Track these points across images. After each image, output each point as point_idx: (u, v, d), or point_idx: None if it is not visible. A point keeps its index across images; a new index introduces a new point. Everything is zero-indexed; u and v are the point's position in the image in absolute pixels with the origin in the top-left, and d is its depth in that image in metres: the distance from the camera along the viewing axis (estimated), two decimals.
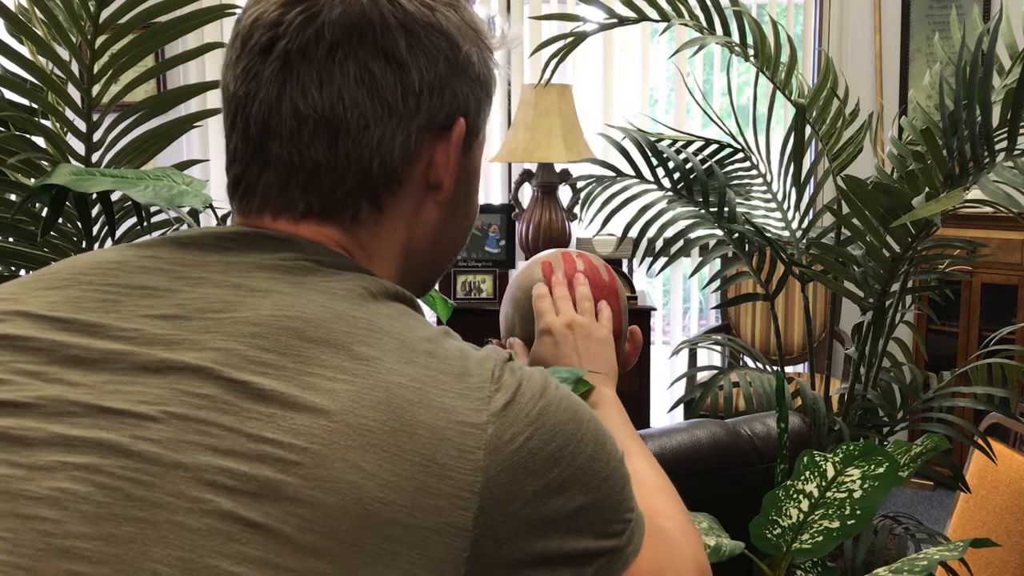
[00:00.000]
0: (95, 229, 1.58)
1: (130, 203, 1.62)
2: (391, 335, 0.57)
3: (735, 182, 2.18)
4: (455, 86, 0.67)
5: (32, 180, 1.56)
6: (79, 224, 1.54)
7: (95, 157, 1.59)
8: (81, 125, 1.55)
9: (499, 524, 0.54)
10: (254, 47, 0.65)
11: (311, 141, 0.63)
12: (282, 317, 0.56)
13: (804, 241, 2.06)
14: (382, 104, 0.64)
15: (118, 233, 1.55)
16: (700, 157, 2.15)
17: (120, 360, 0.55)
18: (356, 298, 0.60)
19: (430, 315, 3.45)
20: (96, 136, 1.57)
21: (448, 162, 0.68)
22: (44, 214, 1.57)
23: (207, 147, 3.96)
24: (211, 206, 1.37)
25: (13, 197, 1.55)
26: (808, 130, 2.02)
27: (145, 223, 1.66)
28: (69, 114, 1.56)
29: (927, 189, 1.63)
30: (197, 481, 0.49)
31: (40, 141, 1.54)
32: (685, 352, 3.69)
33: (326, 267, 0.62)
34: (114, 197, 1.59)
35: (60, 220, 1.55)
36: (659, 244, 2.08)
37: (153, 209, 1.64)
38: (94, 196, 1.49)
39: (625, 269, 3.40)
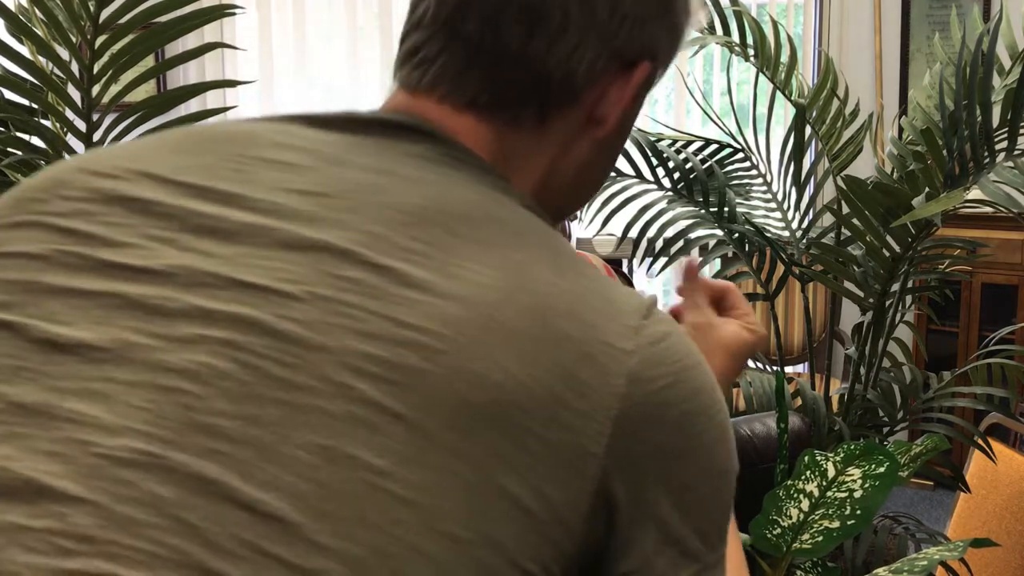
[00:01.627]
0: None
1: None
2: (540, 243, 0.56)
3: (735, 182, 2.18)
4: (656, 26, 0.65)
5: None
6: None
7: None
8: (81, 125, 1.55)
9: (627, 462, 0.51)
10: None
11: (510, 27, 0.61)
12: (431, 207, 0.54)
13: (804, 241, 2.06)
14: (589, 13, 0.62)
15: None
16: (700, 157, 2.15)
17: (258, 233, 0.52)
18: (506, 201, 0.58)
19: None
20: (96, 136, 1.57)
21: (621, 100, 0.66)
22: None
23: None
24: None
25: None
26: (808, 130, 2.02)
27: None
28: (69, 114, 1.56)
29: (927, 189, 1.63)
30: (342, 366, 0.47)
31: (38, 141, 1.54)
32: None
33: (471, 166, 0.60)
34: None
35: None
36: (659, 244, 2.08)
37: None
38: None
39: (625, 269, 3.40)
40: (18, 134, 1.53)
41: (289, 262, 0.51)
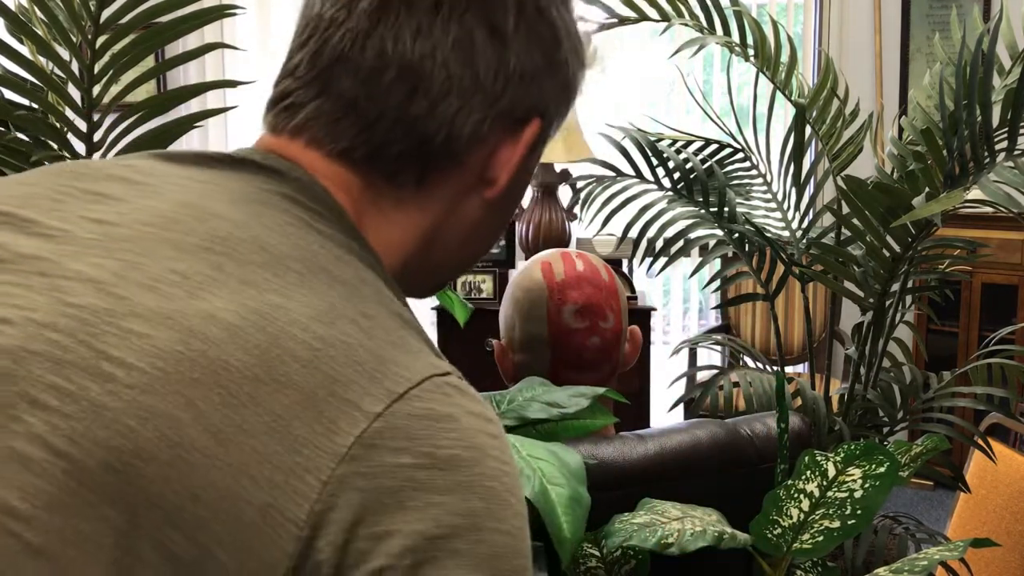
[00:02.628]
0: None
1: None
2: (327, 293, 0.52)
3: (735, 182, 2.18)
4: (544, 83, 0.64)
5: None
6: None
7: (96, 157, 1.59)
8: (82, 125, 1.55)
9: (335, 535, 0.45)
10: None
11: (388, 88, 0.59)
12: (211, 244, 0.52)
13: (804, 241, 2.06)
14: (472, 75, 0.60)
15: None
16: (700, 157, 2.15)
17: (24, 262, 0.51)
18: (324, 247, 0.55)
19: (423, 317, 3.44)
20: (96, 136, 1.57)
21: (511, 159, 0.64)
22: None
23: (207, 147, 3.96)
24: None
25: None
26: (808, 130, 2.02)
27: None
28: (69, 114, 1.56)
29: (927, 189, 1.63)
30: (22, 396, 0.45)
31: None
32: (685, 352, 3.69)
33: (309, 213, 0.57)
34: None
35: None
36: (659, 244, 2.08)
37: None
38: None
39: (625, 269, 3.40)
40: (18, 134, 1.53)
41: (34, 290, 0.49)
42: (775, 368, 2.12)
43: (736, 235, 2.01)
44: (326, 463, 0.45)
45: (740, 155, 2.19)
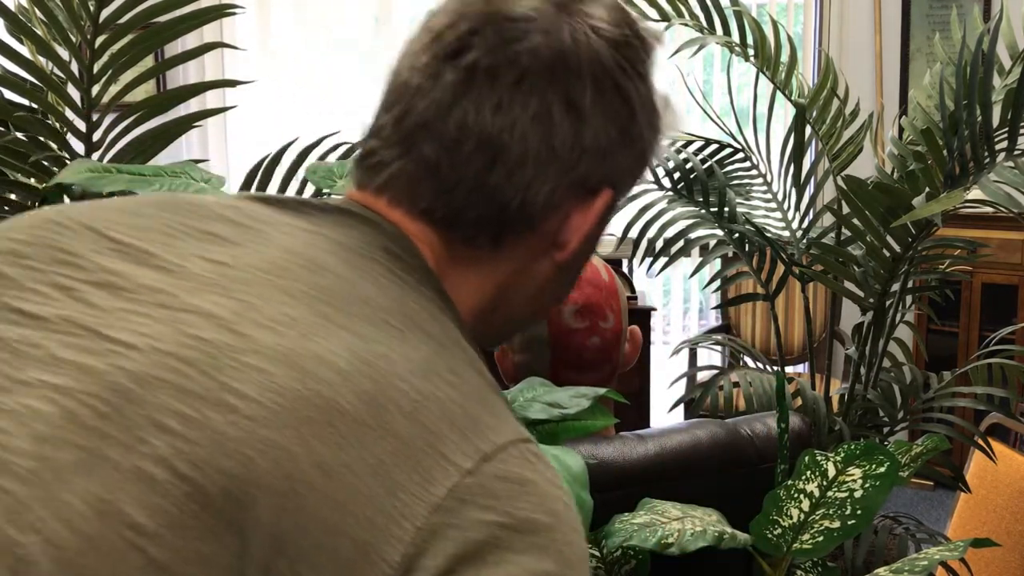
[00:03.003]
0: None
1: None
2: (423, 347, 0.55)
3: (735, 182, 2.18)
4: (618, 156, 0.66)
5: (32, 180, 1.56)
6: None
7: (95, 157, 1.59)
8: (81, 125, 1.55)
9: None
10: (443, 48, 0.64)
11: (468, 157, 0.62)
12: (319, 292, 0.55)
13: (804, 241, 2.06)
14: (548, 148, 0.63)
15: None
16: (700, 157, 2.15)
17: (147, 292, 0.54)
18: (417, 301, 0.58)
19: None
20: (96, 136, 1.57)
21: (582, 226, 0.66)
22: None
23: (207, 147, 3.96)
24: None
25: (13, 196, 1.55)
26: (808, 130, 2.02)
27: None
28: (69, 114, 1.56)
29: (927, 189, 1.63)
30: (149, 420, 0.47)
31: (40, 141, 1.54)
32: (685, 352, 3.69)
33: (402, 267, 0.60)
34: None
35: None
36: (659, 244, 2.08)
37: None
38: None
39: (625, 269, 3.40)
40: (18, 134, 1.53)
41: (155, 320, 0.52)
42: (775, 368, 2.12)
43: (736, 235, 2.01)
44: (421, 511, 0.48)
45: (740, 155, 2.19)
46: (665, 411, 3.55)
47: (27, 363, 0.51)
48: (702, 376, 3.54)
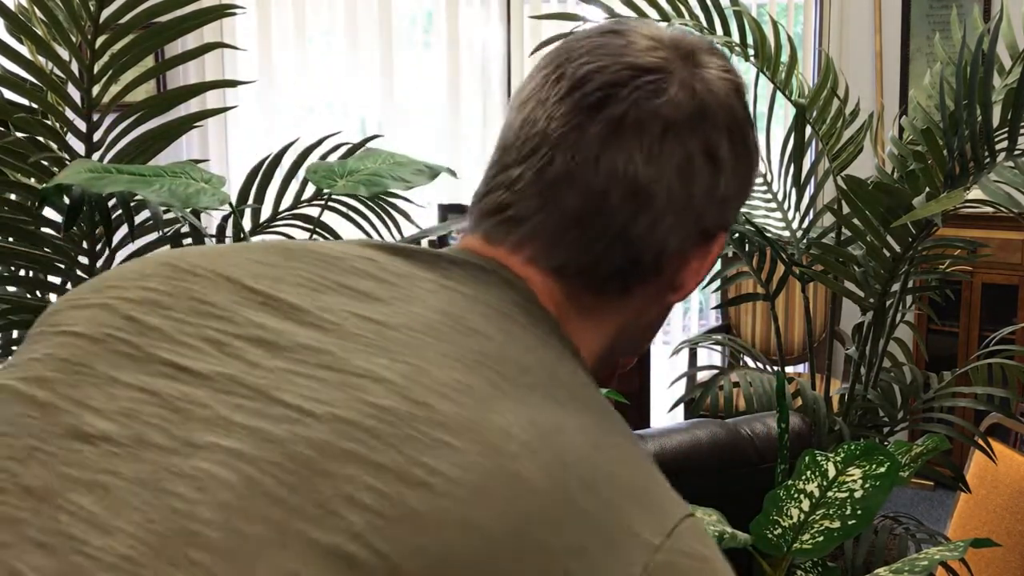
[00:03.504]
0: (98, 229, 1.58)
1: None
2: (588, 411, 0.55)
3: None
4: (737, 201, 0.68)
5: (32, 180, 1.56)
6: (82, 224, 1.54)
7: (95, 157, 1.59)
8: (81, 125, 1.55)
9: None
10: (584, 98, 0.63)
11: (616, 207, 0.62)
12: (482, 357, 0.54)
13: (804, 241, 2.06)
14: (688, 196, 0.63)
15: (118, 235, 1.55)
16: None
17: (307, 351, 0.53)
18: (566, 363, 0.58)
19: None
20: (96, 136, 1.57)
21: (700, 269, 0.68)
22: (45, 210, 1.57)
23: (207, 147, 3.96)
24: (230, 204, 1.37)
25: (13, 196, 1.55)
26: (808, 130, 2.02)
27: (155, 225, 1.66)
28: (69, 114, 1.56)
29: (927, 189, 1.63)
30: (340, 494, 0.46)
31: (40, 140, 1.54)
32: (685, 352, 3.69)
33: (539, 322, 0.60)
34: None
35: (56, 218, 1.54)
36: None
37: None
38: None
39: None
40: (18, 134, 1.53)
41: (325, 383, 0.51)
42: (775, 368, 2.12)
43: (736, 235, 2.01)
44: None
45: None
46: (665, 411, 3.55)
47: (195, 424, 0.49)
48: (702, 376, 3.54)
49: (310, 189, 1.73)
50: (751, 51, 2.00)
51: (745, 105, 0.67)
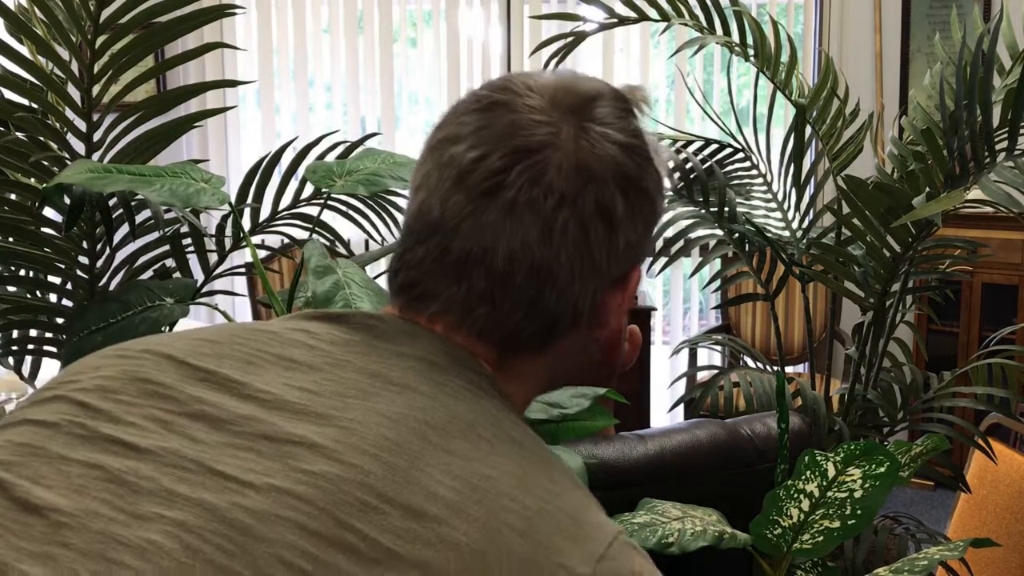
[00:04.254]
0: (98, 230, 1.58)
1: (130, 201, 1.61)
2: (518, 459, 0.57)
3: (735, 182, 2.18)
4: (645, 242, 0.70)
5: (32, 180, 1.56)
6: (82, 224, 1.54)
7: (95, 157, 1.59)
8: (81, 125, 1.55)
9: None
10: (474, 187, 0.65)
11: (521, 286, 0.64)
12: (411, 415, 0.57)
13: (804, 241, 2.06)
14: (590, 264, 0.66)
15: (118, 235, 1.55)
16: (700, 157, 2.15)
17: (245, 423, 0.56)
18: (496, 414, 0.60)
19: None
20: (96, 136, 1.57)
21: (621, 305, 0.70)
22: (45, 210, 1.57)
23: (206, 147, 3.96)
24: (230, 204, 1.36)
25: (13, 196, 1.55)
26: (808, 130, 2.02)
27: (152, 225, 1.66)
28: (69, 114, 1.56)
29: (927, 189, 1.63)
30: (276, 558, 0.49)
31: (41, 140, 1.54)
32: (685, 352, 3.69)
33: (468, 375, 0.63)
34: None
35: (54, 218, 1.54)
36: (659, 244, 2.08)
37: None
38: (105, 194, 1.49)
39: None
40: (19, 134, 1.53)
41: (261, 454, 0.54)
42: (775, 368, 2.12)
43: (736, 235, 2.01)
44: None
45: (740, 155, 2.19)
46: (665, 411, 3.55)
47: (141, 496, 0.52)
48: (702, 376, 3.54)
49: (309, 188, 1.73)
50: (751, 51, 2.00)
51: (638, 150, 0.68)
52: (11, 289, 1.65)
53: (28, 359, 1.70)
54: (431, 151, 0.68)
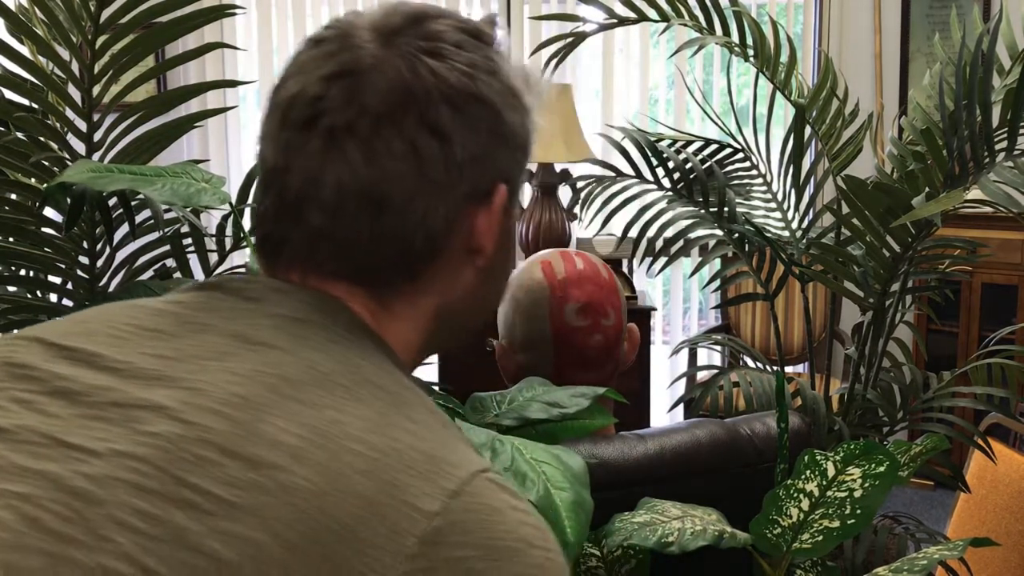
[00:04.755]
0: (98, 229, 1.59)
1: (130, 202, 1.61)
2: (374, 401, 0.57)
3: (735, 182, 2.18)
4: (496, 154, 0.68)
5: (32, 180, 1.56)
6: (82, 224, 1.54)
7: (96, 157, 1.59)
8: (82, 125, 1.55)
9: None
10: (296, 121, 0.65)
11: (355, 215, 0.64)
12: (265, 370, 0.57)
13: (804, 241, 2.06)
14: (426, 178, 0.64)
15: (118, 235, 1.55)
16: (700, 157, 2.15)
17: (98, 394, 0.56)
18: (353, 363, 0.60)
19: None
20: (97, 136, 1.57)
21: (490, 228, 0.69)
22: (44, 211, 1.57)
23: (207, 147, 3.96)
24: (230, 203, 1.36)
25: (14, 196, 1.55)
26: (808, 130, 2.02)
27: (151, 225, 1.66)
28: (69, 114, 1.56)
29: (927, 189, 1.63)
30: (111, 519, 0.49)
31: (41, 140, 1.54)
32: (685, 352, 3.69)
33: (337, 326, 0.62)
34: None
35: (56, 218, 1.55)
36: (659, 244, 2.08)
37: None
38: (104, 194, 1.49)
39: (625, 269, 3.40)
40: (19, 134, 1.53)
41: (110, 421, 0.54)
42: (775, 368, 2.12)
43: (736, 235, 2.01)
44: (391, 562, 0.49)
45: (740, 155, 2.19)
46: (665, 411, 3.55)
47: None
48: (702, 376, 3.54)
49: None
50: (751, 51, 2.00)
51: (471, 62, 0.67)
52: (11, 289, 1.65)
53: None
54: (268, 100, 0.69)
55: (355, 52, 0.65)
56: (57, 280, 1.63)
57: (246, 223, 1.75)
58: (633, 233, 2.14)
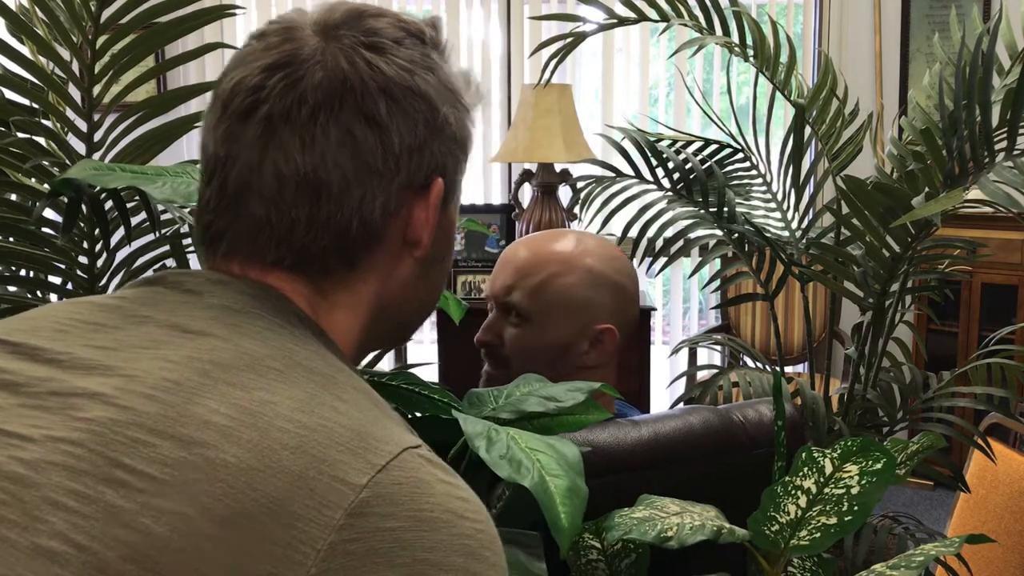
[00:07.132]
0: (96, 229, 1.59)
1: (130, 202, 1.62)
2: (304, 383, 0.58)
3: (735, 182, 2.18)
4: (433, 146, 0.69)
5: (32, 180, 1.56)
6: (81, 224, 1.55)
7: (96, 157, 1.59)
8: (82, 125, 1.56)
9: None
10: (236, 111, 0.67)
11: (293, 202, 0.65)
12: (197, 357, 0.58)
13: (804, 241, 2.06)
14: (363, 166, 0.66)
15: (118, 235, 1.56)
16: (700, 157, 2.15)
17: (38, 384, 0.58)
18: (287, 349, 0.61)
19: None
20: (97, 136, 1.57)
21: (427, 220, 0.70)
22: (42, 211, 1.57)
23: None
24: None
25: (13, 197, 1.56)
26: (808, 130, 2.02)
27: (150, 225, 1.66)
28: (70, 114, 1.56)
29: (927, 189, 1.63)
30: (45, 500, 0.51)
31: (41, 141, 1.54)
32: (685, 352, 3.69)
33: (273, 315, 0.64)
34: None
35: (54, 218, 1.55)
36: (659, 244, 2.08)
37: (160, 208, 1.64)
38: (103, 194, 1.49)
39: None
40: (19, 134, 1.53)
41: (48, 410, 0.56)
42: (775, 368, 2.12)
43: (736, 235, 2.02)
44: (319, 534, 0.51)
45: (740, 155, 2.19)
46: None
47: None
48: (702, 376, 3.54)
49: None
50: (751, 51, 2.01)
51: (408, 58, 0.68)
52: (11, 289, 1.65)
53: None
54: (212, 93, 0.71)
55: (295, 44, 0.67)
56: (57, 280, 1.63)
57: None
58: (633, 233, 2.14)
